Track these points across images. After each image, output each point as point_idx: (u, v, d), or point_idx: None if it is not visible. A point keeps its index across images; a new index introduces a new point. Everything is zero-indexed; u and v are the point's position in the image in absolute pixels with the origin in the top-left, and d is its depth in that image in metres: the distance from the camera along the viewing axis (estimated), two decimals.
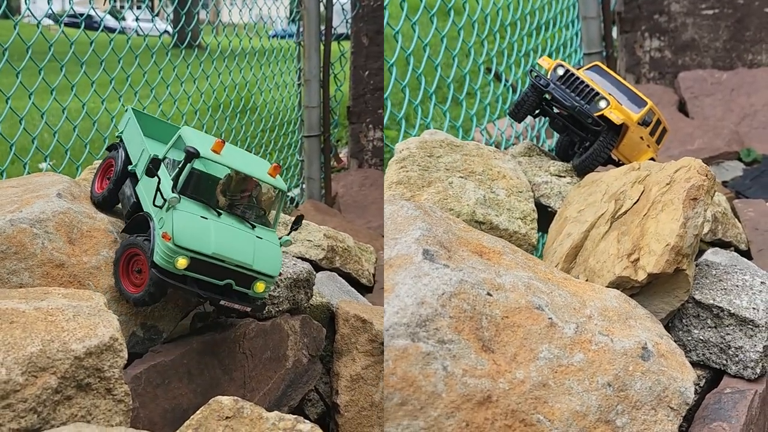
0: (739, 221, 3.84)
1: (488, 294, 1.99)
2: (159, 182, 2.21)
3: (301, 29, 5.64)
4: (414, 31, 3.67)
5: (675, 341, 2.36)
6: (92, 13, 4.17)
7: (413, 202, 2.32)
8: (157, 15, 6.81)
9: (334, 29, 5.87)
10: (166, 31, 5.68)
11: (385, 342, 1.74)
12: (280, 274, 2.61)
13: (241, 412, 1.86)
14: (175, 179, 2.22)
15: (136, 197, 2.38)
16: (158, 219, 2.21)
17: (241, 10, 5.97)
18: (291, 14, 6.05)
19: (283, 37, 6.36)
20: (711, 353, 2.49)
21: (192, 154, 2.20)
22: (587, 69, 3.37)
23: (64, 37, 3.90)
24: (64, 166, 4.02)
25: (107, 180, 2.56)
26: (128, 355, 1.98)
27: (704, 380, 2.50)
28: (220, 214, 2.25)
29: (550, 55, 4.92)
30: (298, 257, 3.06)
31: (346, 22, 6.28)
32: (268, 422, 1.83)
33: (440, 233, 2.15)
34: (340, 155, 6.75)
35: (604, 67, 3.40)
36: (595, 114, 3.12)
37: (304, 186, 5.85)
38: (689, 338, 2.52)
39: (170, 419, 2.23)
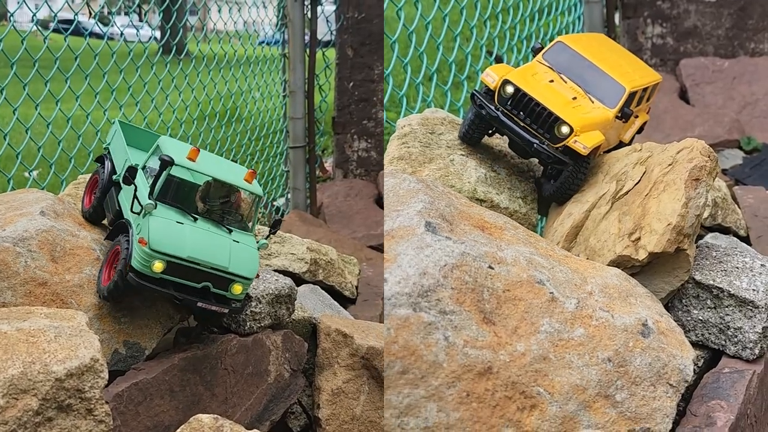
0: (739, 207, 3.84)
1: (490, 267, 1.98)
2: (136, 190, 2.28)
3: (286, 39, 5.66)
4: (417, 9, 3.65)
5: (674, 321, 2.36)
6: (78, 20, 4.14)
7: (414, 176, 2.31)
8: (145, 23, 6.78)
9: (319, 40, 5.90)
10: (153, 38, 5.67)
11: (386, 311, 1.74)
12: (262, 293, 2.65)
13: (221, 430, 1.90)
14: (152, 186, 2.27)
15: (119, 205, 2.44)
16: (136, 225, 2.27)
17: (226, 23, 5.99)
18: (277, 24, 6.05)
19: (269, 44, 6.36)
20: (710, 333, 2.49)
21: (166, 162, 2.25)
22: (549, 49, 2.86)
23: (49, 48, 3.86)
24: (49, 179, 4.00)
25: (94, 195, 2.62)
26: (111, 372, 2.01)
27: (702, 360, 2.50)
28: (196, 219, 2.30)
29: (551, 39, 4.90)
30: (280, 271, 3.07)
31: (331, 32, 6.31)
32: None
33: (442, 207, 2.14)
34: (326, 165, 6.78)
35: (570, 44, 2.85)
36: (558, 145, 2.65)
37: (289, 196, 5.89)
38: (688, 318, 2.52)
39: None
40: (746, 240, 3.58)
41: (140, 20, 5.38)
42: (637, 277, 2.46)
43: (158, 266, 2.19)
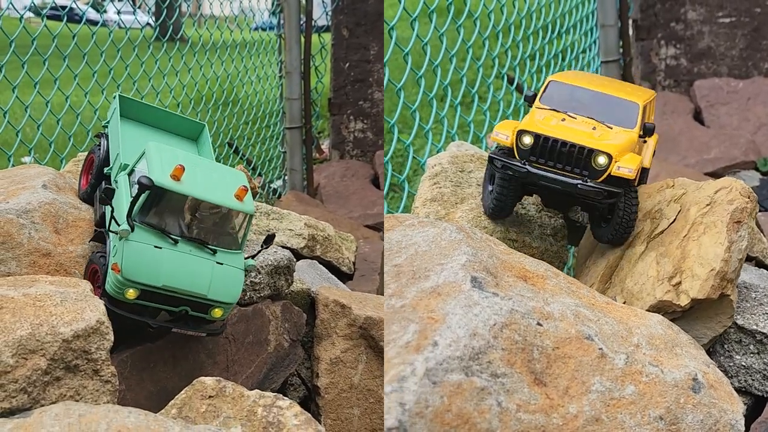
0: (764, 236, 3.78)
1: (538, 324, 1.93)
2: (113, 211, 2.17)
3: (281, 22, 5.64)
4: (441, 43, 3.60)
5: (717, 367, 2.31)
6: (74, 5, 4.13)
7: (454, 223, 2.26)
8: (139, 8, 6.81)
9: (315, 21, 5.89)
10: (147, 24, 5.67)
11: (438, 376, 1.68)
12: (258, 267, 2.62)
13: (223, 391, 1.95)
14: (130, 207, 2.13)
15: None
16: (113, 246, 2.17)
17: (222, 3, 5.95)
18: (272, 7, 6.03)
19: (264, 29, 6.34)
20: (753, 380, 2.44)
21: (144, 186, 2.09)
22: (544, 92, 2.69)
23: (47, 30, 3.90)
24: (48, 160, 4.00)
25: (91, 175, 2.56)
26: (115, 340, 2.03)
27: (746, 407, 2.44)
28: (176, 242, 2.17)
29: (569, 65, 4.86)
30: (279, 246, 3.04)
31: (327, 14, 6.28)
32: (249, 399, 1.93)
33: (485, 258, 2.09)
34: (322, 147, 6.75)
35: (563, 80, 2.71)
36: (601, 178, 2.46)
37: (286, 177, 5.87)
38: (731, 364, 2.47)
39: (156, 401, 2.27)
40: None
41: (134, 4, 5.39)
42: (678, 323, 2.40)
43: (131, 294, 2.12)
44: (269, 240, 2.38)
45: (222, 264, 2.22)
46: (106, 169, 2.45)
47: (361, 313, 2.66)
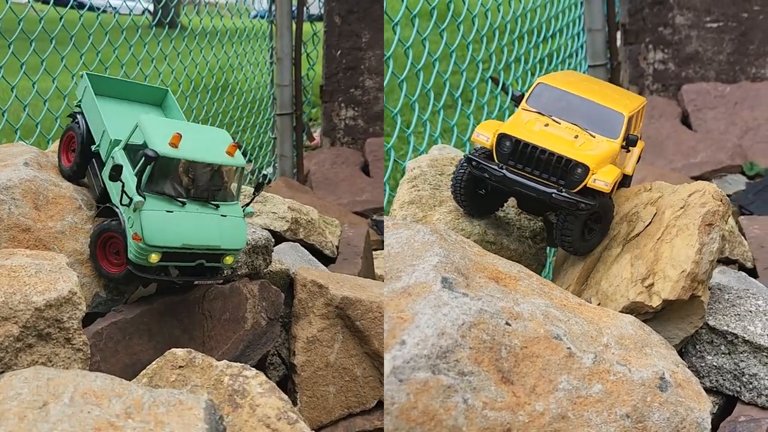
0: (745, 238, 3.82)
1: (507, 323, 1.97)
2: (123, 186, 2.30)
3: (273, 8, 5.69)
4: (424, 47, 3.65)
5: (688, 367, 2.35)
6: None
7: (428, 225, 2.30)
8: None
9: (307, 8, 5.93)
10: (147, 10, 5.70)
11: (405, 374, 1.72)
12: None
13: (193, 361, 2.03)
14: (138, 178, 2.29)
15: (104, 183, 2.47)
16: (127, 218, 2.32)
17: None
18: None
19: (263, 17, 6.37)
20: (724, 380, 2.48)
21: (151, 158, 2.26)
22: (531, 94, 2.67)
23: (34, 9, 3.93)
24: (33, 141, 4.05)
25: (72, 152, 2.63)
26: (92, 314, 2.11)
27: (717, 406, 2.48)
28: (184, 204, 2.35)
29: (556, 69, 4.90)
30: (260, 227, 3.08)
31: (319, 1, 6.31)
32: (217, 369, 2.02)
33: (457, 259, 2.13)
34: (314, 134, 6.78)
35: (552, 83, 2.69)
36: (576, 189, 2.47)
37: (276, 164, 5.90)
38: (702, 364, 2.51)
39: (130, 373, 2.32)
40: (753, 272, 3.56)
41: None
42: (650, 323, 2.45)
43: (154, 258, 2.28)
44: (260, 187, 2.59)
45: (226, 216, 2.43)
46: (93, 147, 2.54)
47: (338, 293, 2.70)
